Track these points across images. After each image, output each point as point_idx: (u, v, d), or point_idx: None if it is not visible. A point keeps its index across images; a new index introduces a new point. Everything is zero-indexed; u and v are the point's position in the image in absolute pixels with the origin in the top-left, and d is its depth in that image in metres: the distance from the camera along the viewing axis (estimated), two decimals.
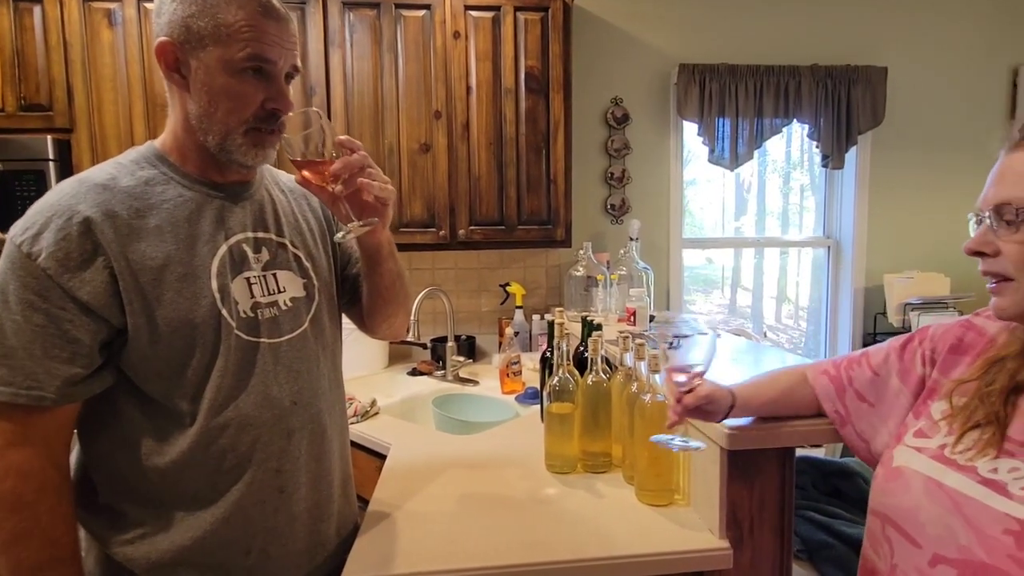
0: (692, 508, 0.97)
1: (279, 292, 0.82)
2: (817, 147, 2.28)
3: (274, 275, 0.82)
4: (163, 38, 0.72)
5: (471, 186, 1.89)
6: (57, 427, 0.70)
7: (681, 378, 0.79)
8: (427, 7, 1.82)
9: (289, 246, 0.85)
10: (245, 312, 0.77)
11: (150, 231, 0.72)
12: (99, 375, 0.71)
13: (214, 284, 0.75)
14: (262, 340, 0.79)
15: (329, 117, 1.82)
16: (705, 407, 0.79)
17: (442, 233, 1.89)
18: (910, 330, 2.17)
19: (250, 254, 0.80)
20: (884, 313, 2.31)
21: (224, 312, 0.75)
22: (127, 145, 1.74)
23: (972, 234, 0.63)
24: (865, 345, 2.35)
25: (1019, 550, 0.55)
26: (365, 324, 1.01)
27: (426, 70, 1.84)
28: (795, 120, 2.25)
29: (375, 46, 1.82)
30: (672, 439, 0.82)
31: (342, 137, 0.76)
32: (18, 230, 0.68)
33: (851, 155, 2.31)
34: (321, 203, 0.95)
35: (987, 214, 0.61)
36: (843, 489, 1.33)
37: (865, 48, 2.30)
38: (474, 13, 1.83)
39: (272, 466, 0.79)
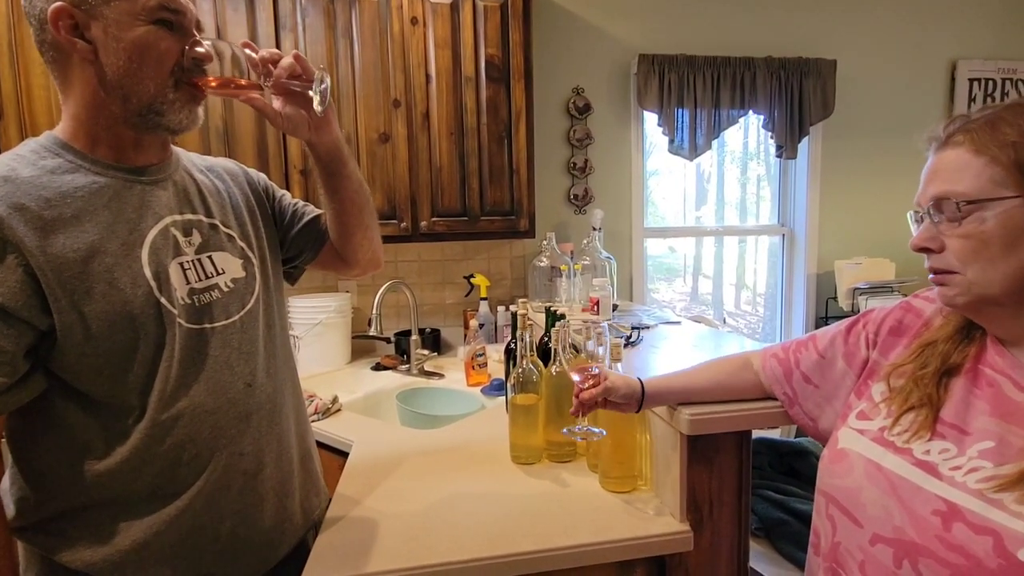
0: (654, 493, 0.98)
1: (217, 275, 0.79)
2: (772, 138, 2.34)
3: (209, 257, 0.78)
4: (57, 3, 0.65)
5: (432, 177, 1.86)
6: None
7: (576, 377, 0.87)
8: None
9: (221, 226, 0.82)
10: (183, 299, 0.74)
11: (66, 221, 0.66)
12: (26, 383, 0.66)
13: (147, 272, 0.70)
14: (206, 326, 0.76)
15: None
16: (611, 399, 0.86)
17: (404, 225, 1.85)
18: (858, 313, 2.29)
19: (180, 238, 0.76)
20: (835, 298, 2.41)
21: (163, 300, 0.71)
22: None
23: (913, 231, 0.65)
24: (817, 328, 2.46)
25: (945, 531, 0.56)
26: (344, 255, 0.98)
27: (383, 57, 1.79)
28: (751, 111, 2.30)
29: (329, 31, 1.76)
30: (576, 428, 0.89)
31: (263, 53, 0.74)
32: None
33: (803, 145, 2.38)
34: (249, 176, 0.93)
35: (927, 209, 0.62)
36: (798, 468, 1.38)
37: (816, 41, 2.37)
38: None
39: (235, 450, 0.78)
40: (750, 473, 0.91)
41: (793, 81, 2.28)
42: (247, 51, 0.74)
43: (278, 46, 1.72)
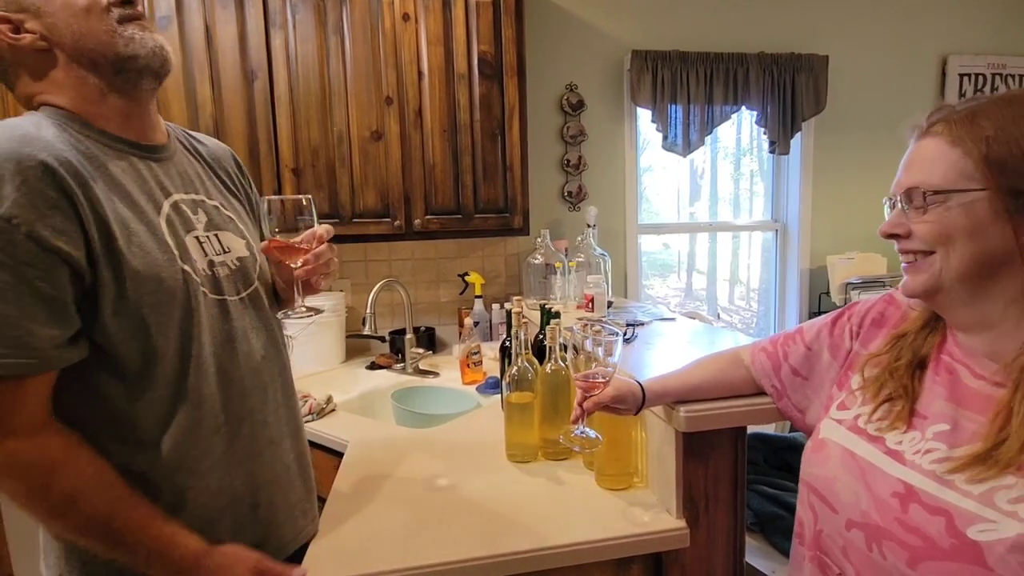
0: (650, 490, 0.99)
1: (225, 252, 0.80)
2: (765, 133, 2.34)
3: (216, 235, 0.80)
4: None
5: (426, 174, 1.85)
6: (46, 391, 0.64)
7: (582, 384, 0.86)
8: None
9: (221, 208, 0.83)
10: (204, 270, 0.75)
11: (99, 182, 0.66)
12: (78, 341, 0.65)
13: (170, 241, 0.71)
14: (226, 297, 0.77)
15: (273, 104, 1.73)
16: (612, 405, 0.85)
17: (397, 223, 1.84)
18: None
19: (191, 215, 0.77)
20: (828, 293, 2.42)
21: (187, 268, 0.72)
22: None
23: (887, 218, 0.67)
24: None
25: (903, 512, 0.58)
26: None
27: (375, 54, 1.77)
28: (744, 107, 2.30)
29: (320, 28, 1.74)
30: (573, 433, 0.88)
31: (322, 229, 0.80)
32: None
33: (796, 141, 2.39)
34: (242, 168, 0.95)
35: (898, 198, 0.64)
36: (792, 462, 1.39)
37: (808, 37, 2.37)
38: None
39: (259, 419, 0.80)
40: (745, 468, 0.92)
41: (786, 77, 2.28)
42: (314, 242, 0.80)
43: (268, 44, 1.71)
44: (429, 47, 1.79)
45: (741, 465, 0.91)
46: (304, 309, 0.82)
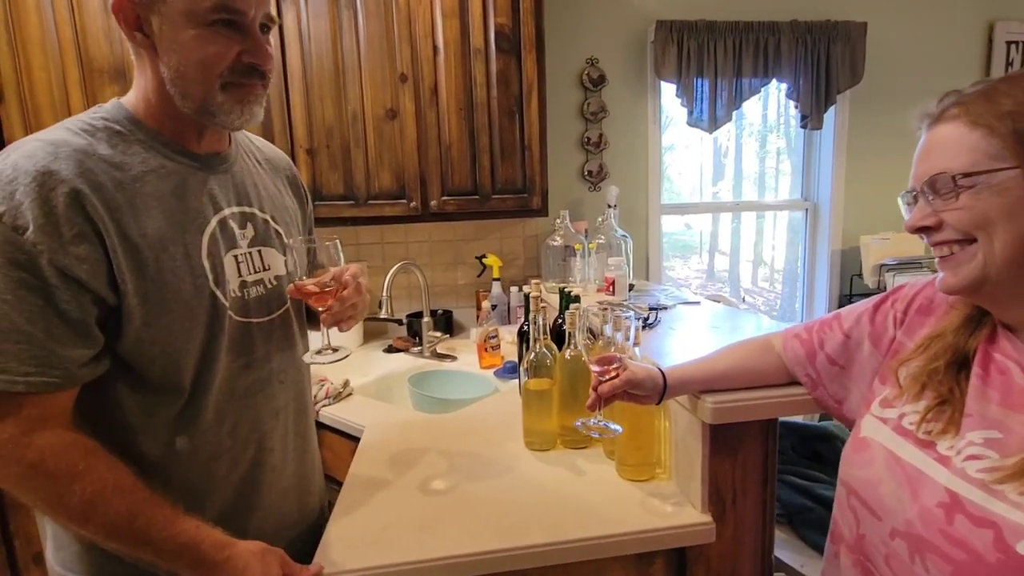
0: (674, 482, 0.95)
1: (264, 270, 0.79)
2: (796, 107, 2.23)
3: (259, 252, 0.79)
4: None
5: (442, 154, 1.80)
6: (68, 405, 0.65)
7: (596, 368, 0.81)
8: None
9: (271, 222, 0.82)
10: (235, 292, 0.74)
11: (136, 206, 0.66)
12: (101, 358, 0.66)
13: (206, 264, 0.70)
14: (252, 320, 0.76)
15: (285, 82, 1.70)
16: (631, 391, 0.81)
17: (413, 205, 1.80)
18: (884, 291, 2.21)
19: (236, 230, 0.76)
20: (860, 275, 2.32)
21: (218, 293, 0.71)
22: (63, 116, 1.61)
23: (905, 216, 0.62)
24: (842, 306, 2.39)
25: (948, 524, 0.54)
26: None
27: (389, 29, 1.72)
28: (774, 79, 2.19)
29: (332, 3, 1.69)
30: (591, 422, 0.84)
31: (350, 272, 0.79)
32: None
33: (830, 115, 2.27)
34: (294, 176, 0.94)
35: (921, 189, 0.59)
36: (822, 452, 1.33)
37: (844, 3, 2.23)
38: None
39: (266, 445, 0.79)
40: (776, 462, 0.87)
41: (820, 46, 2.15)
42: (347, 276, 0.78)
43: (279, 19, 1.66)
44: (444, 20, 1.73)
45: (772, 458, 0.86)
46: (331, 351, 0.80)
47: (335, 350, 0.80)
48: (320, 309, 0.79)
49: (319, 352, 0.80)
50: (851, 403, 0.75)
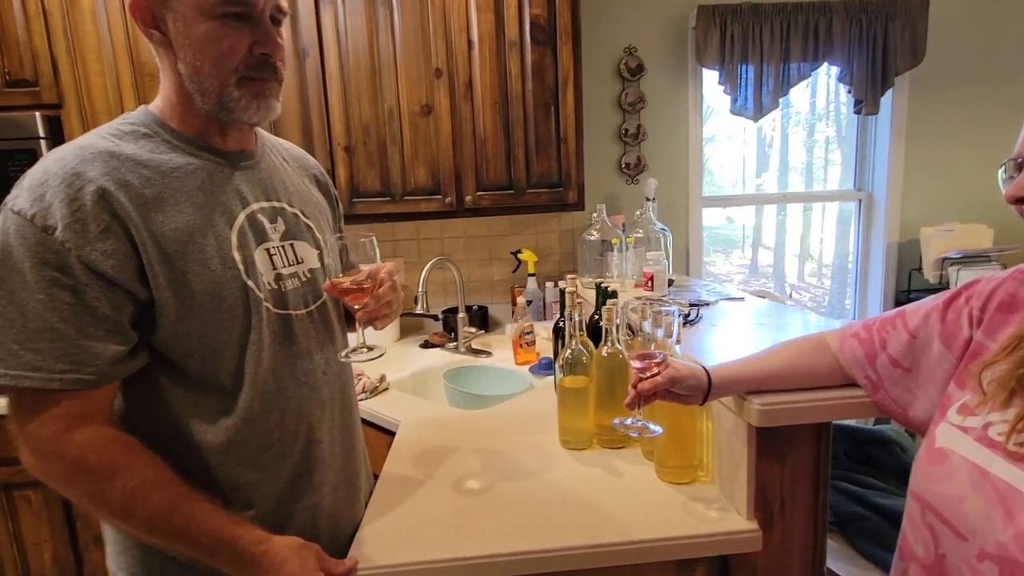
0: (717, 486, 0.91)
1: (298, 263, 0.79)
2: (849, 92, 2.10)
3: (291, 245, 0.79)
4: None
5: (477, 149, 1.79)
6: (108, 402, 0.67)
7: (637, 364, 0.78)
8: None
9: (301, 216, 0.82)
10: (270, 284, 0.74)
11: (165, 201, 0.67)
12: (137, 353, 0.67)
13: (237, 256, 0.71)
14: (291, 312, 0.76)
15: (324, 81, 1.72)
16: (674, 390, 0.77)
17: (448, 200, 1.80)
18: (948, 286, 2.07)
19: (267, 224, 0.76)
20: (920, 269, 2.18)
21: (251, 284, 0.71)
22: None
23: (1003, 187, 0.57)
24: (898, 304, 2.24)
25: None
26: None
27: (424, 24, 1.71)
28: (825, 63, 2.07)
29: (368, 1, 1.70)
30: (628, 421, 0.81)
31: (385, 270, 0.78)
32: (24, 202, 0.61)
33: (886, 99, 2.13)
34: (322, 175, 0.94)
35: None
36: (877, 457, 1.26)
37: None
38: None
39: (314, 437, 0.79)
40: (828, 468, 0.82)
41: (876, 25, 2.02)
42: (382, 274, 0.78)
43: (317, 19, 1.69)
44: (479, 14, 1.71)
45: (824, 464, 0.81)
46: (366, 350, 0.80)
47: (370, 348, 0.80)
48: (356, 307, 0.78)
49: (354, 350, 0.80)
50: (918, 408, 0.69)
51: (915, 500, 0.62)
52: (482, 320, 2.09)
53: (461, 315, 1.90)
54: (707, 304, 1.40)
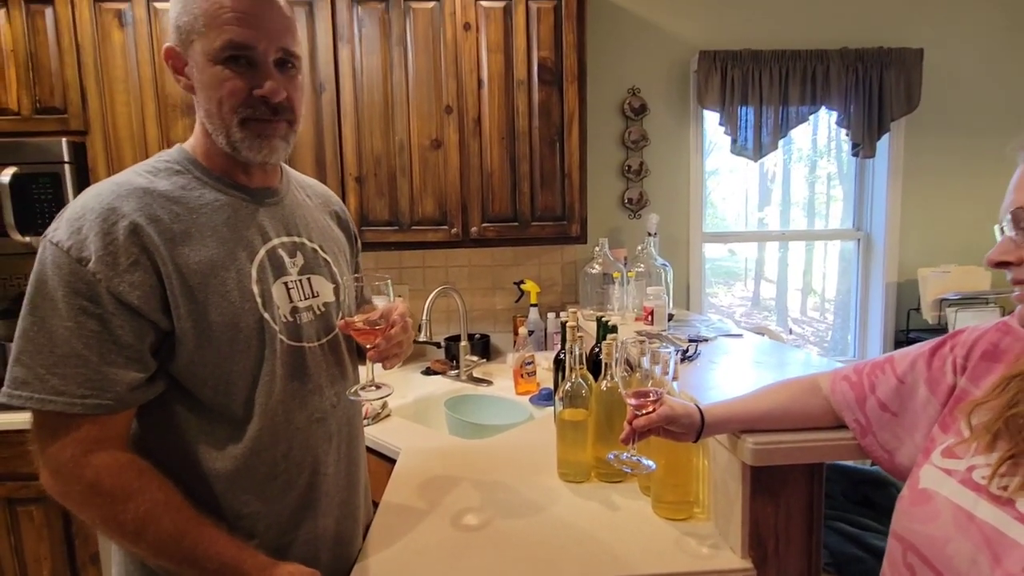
0: (712, 523, 0.92)
1: (313, 297, 0.82)
2: (847, 135, 2.17)
3: (308, 280, 0.82)
4: (167, 44, 0.74)
5: (483, 182, 1.85)
6: (125, 427, 0.69)
7: (633, 401, 0.79)
8: None
9: (320, 251, 0.85)
10: (286, 317, 0.77)
11: (192, 236, 0.71)
12: (154, 381, 0.70)
13: (255, 289, 0.74)
14: (304, 344, 0.78)
15: (339, 114, 1.79)
16: (668, 427, 0.79)
17: (454, 231, 1.85)
18: (947, 327, 2.08)
19: (286, 259, 0.79)
20: (918, 309, 2.20)
21: (267, 316, 0.74)
22: (140, 147, 1.75)
23: (997, 244, 0.60)
24: (898, 343, 2.27)
25: None
26: None
27: (436, 64, 1.79)
28: (823, 107, 2.14)
29: (384, 40, 1.78)
30: (624, 456, 0.82)
31: (397, 312, 0.80)
32: (63, 234, 0.65)
33: (883, 143, 2.19)
34: (343, 212, 0.98)
35: (1006, 221, 0.57)
36: (874, 499, 1.26)
37: (899, 29, 2.17)
38: (485, 3, 1.78)
39: (320, 470, 0.80)
40: (822, 509, 0.83)
41: (872, 73, 2.10)
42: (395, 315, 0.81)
43: (335, 56, 1.77)
44: (489, 55, 1.79)
45: (817, 505, 0.82)
46: (374, 388, 0.82)
47: (378, 387, 0.82)
48: (367, 346, 0.81)
49: (363, 388, 0.82)
50: (904, 455, 0.71)
51: (897, 541, 0.64)
52: (484, 349, 2.11)
53: (463, 343, 1.93)
54: (706, 340, 1.42)
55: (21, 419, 1.55)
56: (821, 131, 2.50)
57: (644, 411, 0.79)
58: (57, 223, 0.67)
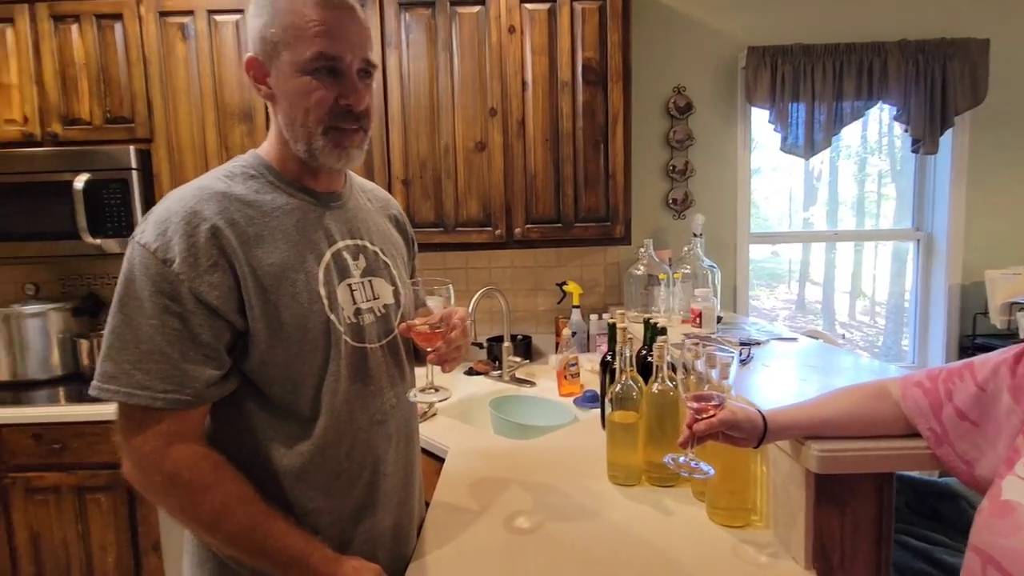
0: (771, 531, 0.89)
1: (375, 299, 0.84)
2: (906, 131, 2.07)
3: (370, 282, 0.84)
4: (249, 54, 0.76)
5: (527, 184, 1.85)
6: (201, 422, 0.73)
7: (693, 404, 0.78)
8: (482, 2, 1.79)
9: (380, 254, 0.87)
10: (350, 318, 0.79)
11: (264, 238, 0.73)
12: (228, 378, 0.73)
13: (322, 291, 0.76)
14: (367, 345, 0.80)
15: (386, 119, 1.83)
16: (728, 432, 0.77)
17: (498, 232, 1.86)
18: (1017, 332, 1.96)
19: (350, 261, 0.82)
20: (985, 313, 2.08)
21: (332, 318, 0.76)
22: (200, 154, 1.84)
23: None
24: (963, 349, 2.15)
25: None
26: None
27: (481, 67, 1.81)
28: (880, 102, 2.05)
29: (431, 45, 1.81)
30: (681, 459, 0.81)
31: (457, 316, 0.82)
32: (150, 236, 0.68)
33: (946, 138, 2.09)
34: (401, 216, 1.00)
35: None
36: (943, 512, 1.20)
37: (962, 18, 2.06)
38: (529, 6, 1.79)
39: (380, 469, 0.82)
40: (892, 521, 0.80)
41: (934, 65, 2.00)
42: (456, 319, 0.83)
43: (384, 63, 1.81)
44: (534, 57, 1.80)
45: (887, 517, 0.79)
46: (433, 391, 0.83)
47: (437, 389, 0.83)
48: (428, 349, 0.82)
49: (423, 390, 0.84)
50: (985, 466, 0.67)
51: (976, 554, 0.61)
52: (526, 350, 2.12)
53: (506, 344, 1.94)
54: (758, 343, 1.39)
55: (92, 411, 1.64)
56: (871, 127, 2.40)
57: (705, 415, 0.77)
58: (144, 225, 0.71)
